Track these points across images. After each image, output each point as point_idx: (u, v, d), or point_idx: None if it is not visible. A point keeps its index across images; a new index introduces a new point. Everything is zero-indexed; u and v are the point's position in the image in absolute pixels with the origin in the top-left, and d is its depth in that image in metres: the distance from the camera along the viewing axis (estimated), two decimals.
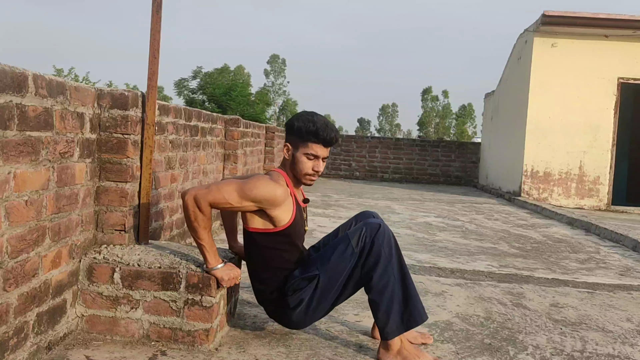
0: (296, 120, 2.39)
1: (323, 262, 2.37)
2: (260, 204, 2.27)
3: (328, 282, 2.35)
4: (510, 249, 5.33)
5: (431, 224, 6.71)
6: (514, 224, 7.12)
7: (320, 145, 2.37)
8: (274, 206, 2.29)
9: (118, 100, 2.45)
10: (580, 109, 9.80)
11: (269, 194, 2.26)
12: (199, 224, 2.25)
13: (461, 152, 14.33)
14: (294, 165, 2.40)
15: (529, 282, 4.01)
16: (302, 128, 2.35)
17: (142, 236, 2.61)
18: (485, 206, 9.17)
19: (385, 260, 2.32)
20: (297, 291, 2.36)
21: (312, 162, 2.38)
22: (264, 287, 2.44)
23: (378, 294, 2.33)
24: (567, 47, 9.73)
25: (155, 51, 2.60)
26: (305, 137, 2.36)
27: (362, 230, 2.36)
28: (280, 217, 2.31)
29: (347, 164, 14.36)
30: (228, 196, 2.25)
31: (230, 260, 2.52)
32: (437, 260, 4.54)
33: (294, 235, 2.39)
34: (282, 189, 2.30)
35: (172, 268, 2.35)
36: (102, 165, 2.47)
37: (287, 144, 2.42)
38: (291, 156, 2.41)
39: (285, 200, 2.31)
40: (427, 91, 67.76)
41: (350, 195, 9.68)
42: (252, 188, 2.26)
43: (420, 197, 10.19)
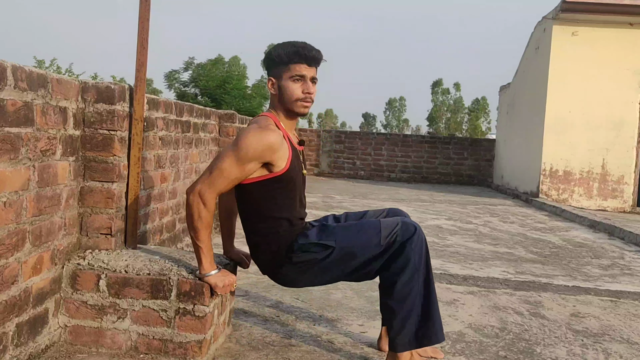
0: (274, 50, 2.39)
1: (344, 237, 2.36)
2: (261, 159, 2.26)
3: (339, 260, 2.35)
4: (527, 254, 5.33)
5: (442, 227, 6.71)
6: (532, 227, 7.11)
7: (304, 64, 2.36)
8: (272, 153, 2.27)
9: (104, 94, 2.45)
10: (603, 102, 9.79)
11: (264, 144, 2.24)
12: (202, 222, 2.25)
13: (474, 149, 14.32)
14: (282, 97, 2.39)
15: (547, 290, 4.01)
16: (282, 53, 2.35)
17: (129, 240, 2.61)
18: (500, 208, 9.17)
19: (413, 268, 2.33)
20: (305, 252, 2.35)
21: (300, 84, 2.37)
22: (261, 239, 2.41)
23: (398, 301, 2.34)
24: (589, 35, 9.71)
25: (144, 41, 2.60)
26: (287, 60, 2.35)
27: (396, 226, 2.36)
28: (277, 162, 2.30)
29: (350, 162, 14.36)
30: (230, 174, 2.25)
31: (225, 267, 2.52)
32: (448, 267, 4.54)
33: (291, 181, 2.36)
34: (274, 133, 2.28)
35: (162, 275, 2.35)
36: (86, 163, 2.47)
37: (270, 78, 2.41)
38: (277, 88, 2.39)
39: (282, 144, 2.30)
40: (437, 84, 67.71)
41: (355, 196, 9.68)
42: (246, 149, 2.23)
43: (430, 198, 10.19)
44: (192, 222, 2.26)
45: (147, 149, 3.14)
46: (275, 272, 2.44)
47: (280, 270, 2.41)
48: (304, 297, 3.44)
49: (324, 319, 3.06)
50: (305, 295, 3.46)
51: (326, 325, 2.97)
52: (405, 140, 14.44)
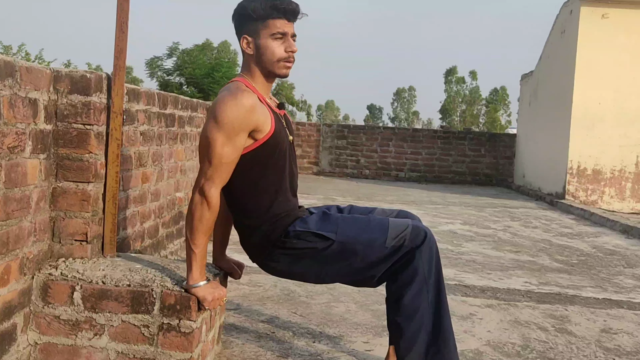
0: (248, 3, 2.35)
1: (346, 231, 2.35)
2: (249, 124, 2.25)
3: (337, 256, 2.35)
4: (552, 262, 5.33)
5: (456, 232, 6.71)
6: (557, 233, 7.12)
7: (283, 19, 2.35)
8: (256, 116, 2.26)
9: (78, 84, 2.45)
10: (637, 93, 9.79)
11: (244, 109, 2.22)
12: (203, 224, 2.25)
13: (492, 145, 14.33)
14: (261, 57, 2.37)
15: (574, 302, 4.01)
16: (258, 7, 2.33)
17: (107, 247, 2.61)
18: (522, 211, 9.17)
19: (422, 280, 2.33)
20: (301, 240, 2.35)
21: (280, 42, 2.35)
22: (250, 220, 2.40)
23: (406, 317, 2.34)
24: (621, 18, 9.72)
25: (123, 24, 2.60)
26: (264, 15, 2.33)
27: (405, 228, 2.35)
28: (260, 127, 2.28)
29: (354, 159, 14.38)
30: (228, 156, 2.23)
31: (215, 277, 2.52)
32: (463, 277, 4.55)
33: (278, 145, 2.35)
34: (247, 93, 2.27)
35: (144, 286, 2.35)
36: (59, 162, 2.47)
37: (244, 37, 2.38)
38: (254, 48, 2.37)
39: (260, 106, 2.29)
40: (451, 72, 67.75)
41: (359, 197, 9.68)
42: (230, 122, 2.21)
43: (443, 200, 10.20)
44: (191, 221, 2.26)
45: (127, 146, 3.14)
46: (265, 257, 2.43)
47: (270, 256, 2.41)
48: (303, 311, 3.44)
49: (324, 336, 3.06)
50: (304, 309, 3.47)
51: (327, 342, 2.98)
52: (415, 135, 14.45)
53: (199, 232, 2.26)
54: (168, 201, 4.01)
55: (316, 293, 3.81)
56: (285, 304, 3.53)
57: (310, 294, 3.79)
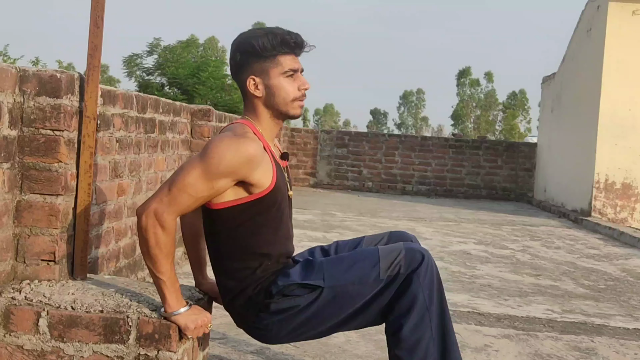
0: (254, 40, 2.36)
1: (334, 274, 2.33)
2: (236, 175, 2.23)
3: (331, 304, 2.32)
4: (576, 287, 5.33)
5: (470, 253, 6.71)
6: (582, 254, 7.11)
7: (292, 55, 2.38)
8: (251, 169, 2.24)
9: (47, 85, 2.45)
10: None
11: (242, 157, 2.21)
12: (161, 250, 2.22)
13: (510, 156, 14.36)
14: (273, 99, 2.37)
15: (602, 333, 4.00)
16: (266, 43, 2.33)
17: (78, 269, 2.60)
18: (543, 229, 9.18)
19: (422, 308, 2.31)
20: (287, 297, 2.33)
21: (293, 80, 2.38)
22: (235, 284, 2.39)
23: (407, 351, 2.32)
24: None
25: (99, 18, 2.60)
26: (273, 52, 2.34)
27: (399, 254, 2.33)
28: (259, 182, 2.27)
29: (356, 170, 14.39)
30: (195, 191, 2.21)
31: (198, 302, 2.51)
32: (477, 303, 4.54)
33: (276, 203, 2.35)
34: (254, 143, 2.25)
35: (119, 312, 2.34)
36: (24, 172, 2.46)
37: (251, 77, 2.37)
38: (264, 89, 2.37)
39: (263, 158, 2.28)
40: (464, 73, 68.02)
41: (361, 213, 9.68)
42: (218, 161, 2.20)
43: (456, 216, 10.20)
44: (147, 250, 2.23)
45: (101, 154, 3.13)
46: (251, 324, 2.42)
47: (256, 322, 2.39)
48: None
49: None
50: None
51: None
52: (424, 144, 14.48)
53: (160, 259, 2.23)
54: None
55: None
56: None
57: None
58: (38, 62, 26.68)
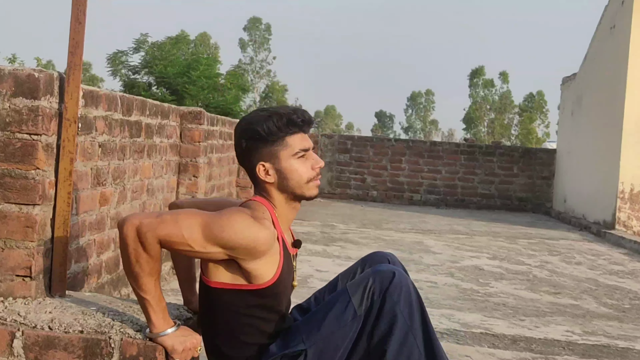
0: (257, 124, 2.37)
1: (311, 330, 2.34)
2: (232, 251, 2.25)
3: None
4: (599, 307, 5.32)
5: (483, 268, 6.70)
6: (605, 270, 7.10)
7: (301, 133, 2.40)
8: (251, 257, 2.26)
9: (24, 85, 2.45)
10: None
11: (248, 239, 2.23)
12: (142, 268, 2.22)
13: (527, 163, 14.36)
14: (285, 183, 2.40)
15: (627, 357, 4.00)
16: (271, 126, 2.35)
17: (56, 285, 2.60)
18: (563, 243, 9.17)
19: (404, 326, 2.30)
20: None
21: (306, 159, 2.40)
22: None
23: None
24: None
25: (81, 13, 2.61)
26: (280, 135, 2.36)
27: (368, 281, 2.34)
28: (259, 272, 2.29)
29: (359, 178, 14.38)
30: (188, 233, 2.21)
31: (186, 322, 2.50)
32: (491, 324, 4.53)
33: (278, 298, 2.37)
34: (267, 232, 2.27)
35: (100, 333, 2.34)
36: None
37: (261, 164, 2.39)
38: (275, 174, 2.39)
39: (270, 249, 2.29)
40: (477, 73, 68.09)
41: (364, 225, 9.67)
42: (224, 227, 2.22)
43: (467, 228, 10.20)
44: (129, 267, 2.22)
45: (83, 160, 3.14)
46: None
47: None
48: None
49: None
50: None
51: None
52: (433, 150, 14.48)
53: (142, 277, 2.23)
54: None
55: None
56: None
57: None
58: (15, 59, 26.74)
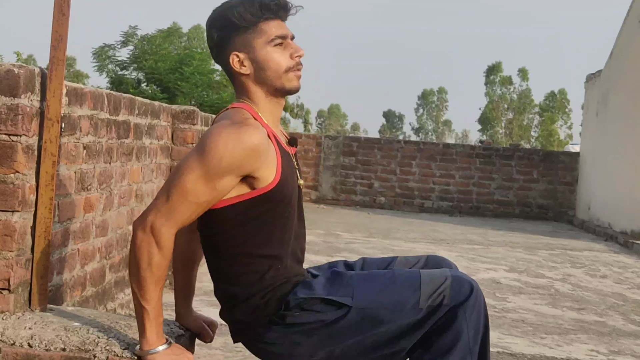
0: (229, 10, 2.37)
1: (366, 293, 2.33)
2: (240, 170, 2.23)
3: (356, 328, 2.31)
4: (626, 324, 5.31)
5: (500, 282, 6.70)
6: (633, 284, 7.09)
7: (277, 20, 2.38)
8: (259, 161, 2.25)
9: (3, 82, 2.46)
10: None
11: (245, 149, 2.21)
12: (152, 273, 2.22)
13: (548, 167, 14.35)
14: (262, 73, 2.37)
15: None
16: (243, 11, 2.34)
17: (36, 298, 2.61)
18: (587, 254, 9.16)
19: (465, 348, 2.30)
20: (306, 312, 2.32)
21: (284, 48, 2.38)
22: (239, 290, 2.37)
23: None
24: None
25: (64, 4, 2.61)
26: (254, 20, 2.34)
27: (444, 281, 2.32)
28: (260, 174, 2.28)
29: (366, 183, 14.38)
30: (197, 197, 2.21)
31: (178, 340, 2.50)
32: (509, 342, 4.53)
33: (284, 198, 2.35)
34: (257, 131, 2.26)
35: (85, 351, 2.34)
36: None
37: (234, 54, 2.38)
38: (251, 64, 2.38)
39: (267, 146, 2.28)
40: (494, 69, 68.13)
41: (371, 234, 9.66)
42: (218, 158, 2.20)
43: (483, 238, 10.19)
44: (137, 271, 2.23)
45: (66, 163, 3.14)
46: (257, 339, 2.40)
47: (265, 336, 2.37)
48: None
49: None
50: None
51: None
52: (446, 152, 14.48)
53: (149, 283, 2.23)
54: (118, 236, 4.01)
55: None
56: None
57: None
58: None
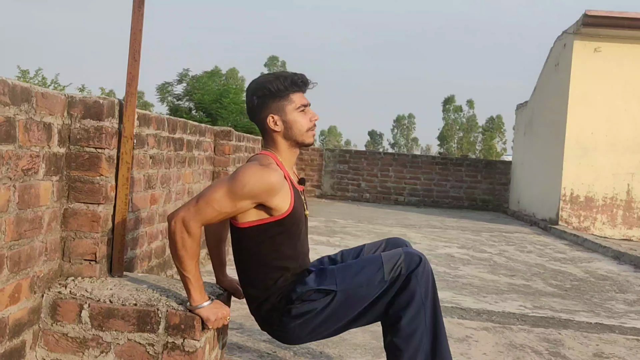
0: (269, 84, 2.41)
1: (345, 279, 2.36)
2: (256, 198, 2.27)
3: (343, 305, 2.34)
4: (546, 287, 5.30)
5: (453, 256, 6.68)
6: (551, 258, 7.08)
7: (301, 92, 2.44)
8: (271, 196, 2.28)
9: (91, 109, 2.46)
10: (629, 124, 9.81)
11: (264, 184, 2.25)
12: (187, 251, 2.24)
13: (489, 172, 14.32)
14: (290, 132, 2.42)
15: (568, 326, 3.97)
16: (279, 84, 2.39)
17: (115, 267, 2.60)
18: (517, 236, 9.14)
19: (419, 303, 2.33)
20: (305, 302, 2.34)
21: (305, 113, 2.43)
22: (259, 292, 2.40)
23: (404, 339, 2.33)
24: (613, 52, 9.77)
25: (136, 53, 2.61)
26: (285, 93, 2.40)
27: (399, 258, 2.36)
28: (277, 205, 2.30)
29: (355, 183, 14.37)
30: (220, 206, 2.25)
31: (218, 297, 2.50)
32: (460, 300, 4.51)
33: (294, 224, 2.37)
34: (276, 173, 2.30)
35: (150, 305, 2.34)
36: (71, 184, 2.47)
37: (271, 116, 2.41)
38: (282, 124, 2.41)
39: (282, 186, 2.31)
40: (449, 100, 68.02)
41: (359, 220, 9.66)
42: (243, 184, 2.25)
43: (441, 224, 10.17)
44: (176, 251, 2.25)
45: (137, 169, 3.14)
46: (275, 328, 2.44)
47: (280, 326, 2.41)
48: None
49: (324, 356, 3.03)
50: None
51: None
52: (414, 161, 14.45)
53: (186, 259, 2.25)
54: None
55: None
56: None
57: None
58: (84, 88, 26.80)
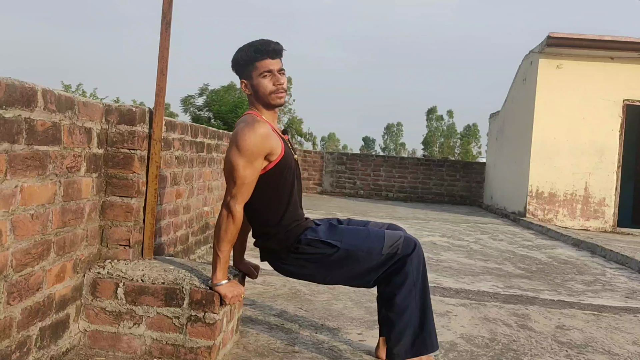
0: (237, 53, 2.37)
1: (350, 240, 2.34)
2: (264, 150, 2.25)
3: (341, 261, 2.34)
4: (515, 269, 5.30)
5: (436, 243, 6.68)
6: (519, 245, 7.08)
7: (267, 59, 2.34)
8: (270, 140, 2.26)
9: (125, 116, 2.47)
10: (586, 130, 9.80)
11: (260, 136, 2.22)
12: (227, 235, 2.25)
13: (466, 171, 14.31)
14: (257, 94, 2.37)
15: (534, 303, 3.97)
16: (244, 55, 2.35)
17: (146, 251, 2.61)
18: (490, 226, 9.13)
19: (411, 284, 2.33)
20: (310, 246, 2.34)
21: (269, 78, 2.35)
22: (268, 230, 2.38)
23: (397, 314, 2.34)
24: (573, 68, 9.76)
25: (164, 68, 2.62)
26: (251, 60, 2.34)
27: (399, 238, 2.36)
28: (274, 147, 2.28)
29: (351, 182, 14.36)
30: (248, 177, 2.24)
31: (235, 278, 2.51)
32: (441, 280, 4.52)
33: (288, 165, 2.35)
34: (262, 123, 2.27)
35: (176, 284, 2.35)
36: (108, 180, 2.48)
37: (242, 81, 2.40)
38: (251, 88, 2.38)
39: (272, 132, 2.29)
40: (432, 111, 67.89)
41: (355, 213, 9.65)
42: (247, 148, 2.21)
43: (425, 216, 10.16)
44: (218, 232, 2.27)
45: (164, 167, 3.15)
46: (277, 260, 2.42)
47: (283, 259, 2.39)
48: (307, 307, 3.42)
49: (325, 328, 3.04)
50: (308, 306, 3.44)
51: (327, 333, 2.95)
52: (402, 163, 14.44)
53: (224, 241, 2.26)
54: (197, 214, 4.02)
55: (318, 292, 3.79)
56: (293, 301, 3.51)
57: (313, 292, 3.77)
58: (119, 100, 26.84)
